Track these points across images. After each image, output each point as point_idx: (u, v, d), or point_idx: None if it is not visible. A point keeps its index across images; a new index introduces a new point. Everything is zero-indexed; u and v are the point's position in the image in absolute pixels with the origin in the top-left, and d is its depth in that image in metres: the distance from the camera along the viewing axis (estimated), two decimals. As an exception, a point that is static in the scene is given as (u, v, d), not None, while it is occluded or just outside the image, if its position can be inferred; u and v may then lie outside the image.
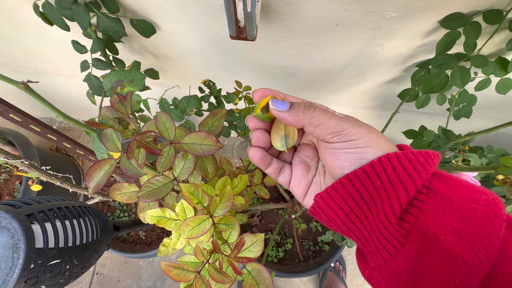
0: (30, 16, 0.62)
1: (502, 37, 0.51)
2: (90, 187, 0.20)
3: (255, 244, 0.24)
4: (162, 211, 0.26)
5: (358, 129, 0.21)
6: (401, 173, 0.19)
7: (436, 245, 0.18)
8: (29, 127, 0.37)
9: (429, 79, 0.54)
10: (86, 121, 0.19)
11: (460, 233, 0.17)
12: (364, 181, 0.20)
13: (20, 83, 0.21)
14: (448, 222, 0.17)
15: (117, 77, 0.26)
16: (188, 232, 0.22)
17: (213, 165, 0.30)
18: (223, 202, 0.23)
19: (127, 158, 0.18)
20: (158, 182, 0.25)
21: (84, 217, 0.33)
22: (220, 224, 0.24)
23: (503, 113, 0.84)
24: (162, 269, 0.21)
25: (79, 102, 1.10)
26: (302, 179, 0.25)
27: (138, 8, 0.54)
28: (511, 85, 0.56)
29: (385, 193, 0.20)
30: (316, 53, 0.63)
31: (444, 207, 0.18)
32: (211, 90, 0.52)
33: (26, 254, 0.24)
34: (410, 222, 0.19)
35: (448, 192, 0.18)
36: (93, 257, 0.33)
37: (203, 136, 0.23)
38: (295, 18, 0.52)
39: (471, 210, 0.17)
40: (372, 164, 0.20)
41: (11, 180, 0.93)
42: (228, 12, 0.40)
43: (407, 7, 0.46)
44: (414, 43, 0.56)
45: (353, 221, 0.21)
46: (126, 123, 0.20)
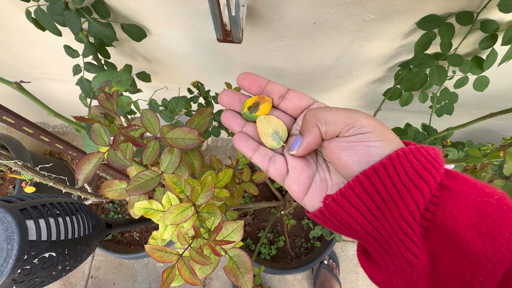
0: (22, 22, 0.63)
1: (477, 37, 0.54)
2: (80, 179, 0.22)
3: (235, 230, 0.26)
4: (149, 202, 0.27)
5: (371, 122, 0.20)
6: (419, 168, 0.18)
7: (455, 241, 0.17)
8: (22, 129, 0.38)
9: (409, 78, 0.56)
10: (75, 116, 0.20)
11: (480, 228, 0.16)
12: (383, 177, 0.19)
13: (14, 83, 0.22)
14: (467, 217, 0.17)
15: (106, 78, 0.27)
16: (172, 219, 0.23)
17: (199, 160, 0.32)
18: (205, 191, 0.25)
19: (113, 150, 0.20)
20: (146, 176, 0.26)
21: (76, 213, 0.34)
22: (203, 212, 0.25)
23: (485, 110, 0.88)
24: (147, 251, 0.23)
25: (71, 106, 1.10)
26: (302, 173, 0.23)
27: (129, 13, 0.55)
28: (487, 82, 0.59)
29: (405, 189, 0.18)
30: (302, 54, 0.65)
31: (460, 201, 0.17)
32: (200, 91, 0.54)
33: (19, 245, 0.25)
34: (427, 219, 0.18)
35: (460, 187, 0.18)
36: (85, 252, 0.34)
37: (186, 131, 0.24)
38: (280, 21, 0.54)
39: (486, 203, 0.17)
40: (391, 158, 0.19)
41: (4, 185, 0.93)
42: (214, 16, 0.42)
43: (385, 9, 0.49)
44: (395, 43, 0.58)
45: (372, 222, 0.19)
46: (112, 118, 0.22)
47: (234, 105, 0.24)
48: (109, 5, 0.53)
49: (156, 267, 1.07)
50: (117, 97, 0.21)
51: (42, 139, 0.42)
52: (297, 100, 0.24)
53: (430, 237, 0.18)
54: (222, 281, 1.04)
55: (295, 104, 0.24)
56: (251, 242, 0.91)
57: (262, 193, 0.96)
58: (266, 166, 0.24)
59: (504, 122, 0.95)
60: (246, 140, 0.24)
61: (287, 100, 0.24)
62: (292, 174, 0.23)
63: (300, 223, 0.94)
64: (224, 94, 0.24)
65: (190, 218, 0.23)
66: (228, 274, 0.24)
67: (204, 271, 0.24)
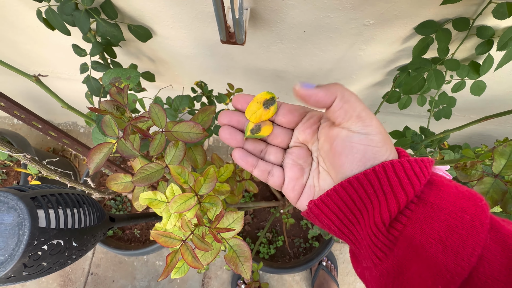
0: (31, 21, 0.65)
1: (473, 43, 0.55)
2: (91, 168, 0.23)
3: (236, 221, 0.27)
4: (154, 193, 0.28)
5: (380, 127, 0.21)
6: (395, 183, 0.20)
7: (421, 253, 0.18)
8: (32, 124, 0.39)
9: (407, 81, 0.58)
10: (90, 107, 0.21)
11: (446, 242, 0.17)
12: (357, 189, 0.21)
13: (32, 76, 0.24)
14: (435, 231, 0.18)
15: (115, 74, 0.29)
16: (176, 208, 0.24)
17: (202, 155, 0.33)
18: (207, 182, 0.26)
19: (124, 140, 0.21)
20: (151, 168, 0.27)
21: (83, 205, 0.35)
22: (205, 202, 0.26)
23: (483, 114, 0.88)
24: (152, 237, 0.24)
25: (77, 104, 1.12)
26: (296, 183, 0.25)
27: (136, 14, 0.57)
28: (484, 87, 0.60)
29: (377, 201, 0.20)
30: (303, 57, 0.67)
31: (432, 215, 0.19)
32: (203, 91, 0.55)
33: (30, 231, 0.27)
34: (398, 230, 0.19)
35: (438, 200, 0.19)
36: (89, 242, 0.35)
37: (191, 125, 0.26)
38: (282, 25, 0.56)
39: (458, 219, 0.18)
40: (366, 173, 0.20)
41: (9, 180, 0.95)
42: (218, 18, 0.43)
43: (384, 15, 0.50)
44: (394, 48, 0.60)
45: (347, 225, 0.22)
46: (123, 110, 0.23)
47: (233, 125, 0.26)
48: (117, 6, 0.55)
49: (155, 266, 1.08)
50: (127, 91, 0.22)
51: (50, 134, 0.43)
52: (289, 115, 0.25)
53: (400, 245, 0.19)
54: (221, 280, 1.04)
55: (288, 119, 0.26)
56: (250, 241, 0.92)
57: (261, 192, 0.97)
58: (265, 179, 0.26)
59: (502, 128, 0.96)
60: (245, 157, 0.25)
61: (280, 116, 0.26)
62: (288, 184, 0.25)
63: (299, 223, 0.95)
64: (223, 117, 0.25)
65: (193, 207, 0.24)
66: (228, 262, 0.25)
67: (206, 258, 0.25)
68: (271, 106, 0.25)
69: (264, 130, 0.25)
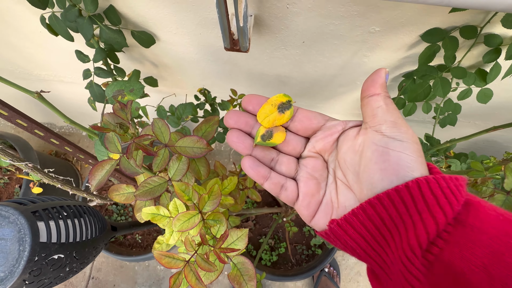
0: (35, 26, 0.65)
1: (480, 50, 0.54)
2: (93, 185, 0.23)
3: (240, 238, 0.26)
4: (157, 208, 0.28)
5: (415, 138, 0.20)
6: (431, 202, 0.18)
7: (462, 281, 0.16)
8: (34, 132, 0.39)
9: (413, 89, 0.57)
10: (92, 125, 0.21)
11: (492, 271, 0.16)
12: (387, 207, 0.19)
13: (34, 93, 0.23)
14: (478, 258, 0.16)
15: (119, 87, 0.28)
16: (179, 226, 0.24)
17: (206, 167, 0.33)
18: (211, 200, 0.25)
19: (127, 158, 0.21)
20: (154, 182, 0.27)
21: (84, 216, 0.35)
22: (209, 219, 0.26)
23: (490, 121, 0.88)
24: (155, 257, 0.23)
25: (79, 108, 1.12)
26: (312, 199, 0.23)
27: (139, 20, 0.57)
28: (491, 95, 0.59)
29: (411, 222, 0.18)
30: (307, 63, 0.66)
31: (473, 239, 0.17)
32: (206, 98, 0.55)
33: (31, 247, 0.26)
34: (434, 254, 0.17)
35: (478, 223, 0.17)
36: (91, 254, 0.35)
37: (195, 140, 0.25)
38: (286, 31, 0.55)
39: (504, 244, 0.16)
40: (398, 189, 0.18)
41: (11, 184, 0.95)
42: (222, 26, 0.43)
43: (390, 22, 0.50)
44: (399, 54, 0.59)
45: (375, 248, 0.20)
46: (126, 127, 0.23)
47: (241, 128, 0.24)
48: (120, 12, 0.55)
49: (156, 270, 1.07)
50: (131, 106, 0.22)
51: (52, 142, 0.43)
52: (307, 122, 0.23)
53: (435, 271, 0.17)
54: (223, 285, 1.04)
55: (305, 125, 0.23)
56: (252, 247, 0.91)
57: (264, 198, 0.97)
58: (277, 193, 0.23)
59: (508, 134, 0.95)
60: (256, 167, 0.23)
61: (296, 122, 0.24)
62: (302, 200, 0.23)
63: (302, 230, 0.94)
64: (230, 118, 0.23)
65: (196, 225, 0.24)
66: (232, 281, 0.24)
67: (209, 277, 0.25)
68: (286, 111, 0.23)
69: (276, 137, 0.23)
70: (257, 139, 0.23)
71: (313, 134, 0.24)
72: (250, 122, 0.24)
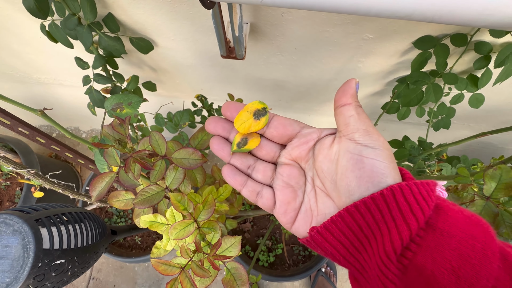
0: (35, 32, 0.66)
1: (472, 56, 0.56)
2: (93, 196, 0.24)
3: (233, 245, 0.27)
4: (154, 216, 0.29)
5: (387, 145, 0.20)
6: (405, 208, 0.18)
7: (433, 284, 0.17)
8: (36, 139, 0.40)
9: (406, 94, 0.58)
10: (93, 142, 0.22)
11: (459, 272, 0.16)
12: (364, 214, 0.20)
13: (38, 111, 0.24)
14: (447, 261, 0.17)
15: (117, 100, 0.30)
16: (175, 234, 0.25)
17: (202, 174, 0.34)
18: (206, 209, 0.27)
19: (125, 172, 0.22)
20: (152, 191, 0.28)
21: (85, 221, 0.36)
22: (204, 227, 0.27)
23: (483, 124, 0.89)
24: (152, 265, 0.25)
25: (80, 111, 1.13)
26: (288, 207, 0.23)
27: (137, 27, 0.58)
28: (483, 100, 0.60)
29: (386, 228, 0.19)
30: (303, 68, 0.68)
31: (443, 243, 0.17)
32: (203, 105, 0.56)
33: (35, 254, 0.27)
34: (408, 258, 0.18)
35: (447, 227, 0.18)
36: (92, 258, 0.36)
37: (191, 152, 0.26)
38: (282, 38, 0.57)
39: (470, 247, 0.17)
40: (373, 197, 0.19)
41: (12, 187, 0.96)
42: (218, 35, 0.44)
43: (383, 30, 0.51)
44: (393, 60, 0.60)
45: (353, 254, 0.21)
46: (124, 143, 0.24)
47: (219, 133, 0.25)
48: (119, 20, 0.56)
49: (155, 271, 1.09)
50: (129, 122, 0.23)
51: (53, 148, 0.44)
52: (282, 128, 0.24)
53: (410, 275, 0.18)
54: (220, 285, 1.05)
55: (280, 132, 0.24)
56: (250, 249, 0.93)
57: (262, 200, 0.98)
58: (254, 200, 0.24)
59: (502, 136, 0.96)
60: (234, 175, 0.24)
61: (271, 129, 0.24)
62: (279, 208, 0.24)
63: (299, 230, 0.96)
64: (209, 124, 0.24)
65: (192, 233, 0.25)
66: (226, 285, 0.25)
67: (204, 283, 0.26)
68: (262, 118, 0.24)
69: (250, 143, 0.23)
70: (233, 148, 0.24)
71: (289, 142, 0.25)
72: (227, 128, 0.25)
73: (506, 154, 1.06)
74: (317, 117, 0.99)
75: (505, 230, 0.29)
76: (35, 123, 1.31)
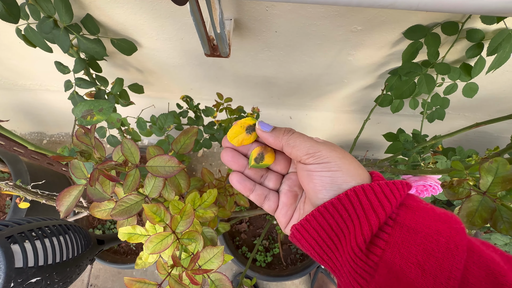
0: (14, 37, 0.63)
1: (464, 45, 0.54)
2: (61, 211, 0.22)
3: (216, 256, 0.26)
4: (133, 228, 0.27)
5: (331, 153, 0.22)
6: (367, 206, 0.20)
7: (402, 278, 0.18)
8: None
9: (398, 86, 0.57)
10: (52, 156, 0.20)
11: (424, 266, 0.18)
12: (333, 213, 0.21)
13: None
14: (413, 255, 0.18)
15: (87, 107, 0.28)
16: (152, 248, 0.24)
17: (185, 180, 0.32)
18: (184, 219, 0.25)
19: (90, 185, 0.20)
20: (130, 200, 0.27)
21: (65, 234, 0.34)
22: (184, 238, 0.26)
23: (479, 113, 0.88)
24: (125, 284, 0.23)
25: (68, 116, 1.11)
26: (289, 209, 0.26)
27: (118, 28, 0.56)
28: (477, 89, 0.59)
29: (352, 226, 0.21)
30: (293, 63, 0.66)
31: (409, 239, 0.19)
32: (189, 106, 0.54)
33: (6, 274, 0.26)
34: (377, 255, 0.19)
35: (414, 224, 0.19)
36: (74, 273, 0.34)
37: (166, 159, 0.25)
38: (268, 33, 0.55)
39: (434, 242, 0.18)
40: (339, 198, 0.21)
41: (2, 196, 0.94)
42: (199, 32, 0.42)
43: (371, 21, 0.49)
44: (384, 52, 0.59)
45: (326, 252, 0.22)
46: (88, 154, 0.22)
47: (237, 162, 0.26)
48: (98, 21, 0.54)
49: (154, 274, 1.08)
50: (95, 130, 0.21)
51: (33, 158, 0.42)
52: None
53: (381, 272, 0.19)
54: None
55: None
56: (246, 249, 0.91)
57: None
58: (261, 203, 0.27)
59: (498, 124, 0.94)
60: (243, 181, 0.26)
61: None
62: (281, 209, 0.26)
63: (297, 228, 0.95)
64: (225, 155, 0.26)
65: (170, 246, 0.24)
66: (210, 299, 0.24)
67: (186, 297, 0.25)
68: (253, 132, 0.26)
69: (267, 159, 0.26)
70: (251, 163, 0.26)
71: None
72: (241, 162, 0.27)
73: (502, 142, 1.05)
74: (311, 112, 0.97)
75: (503, 225, 0.28)
76: (25, 130, 1.29)
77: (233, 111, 0.61)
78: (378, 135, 0.93)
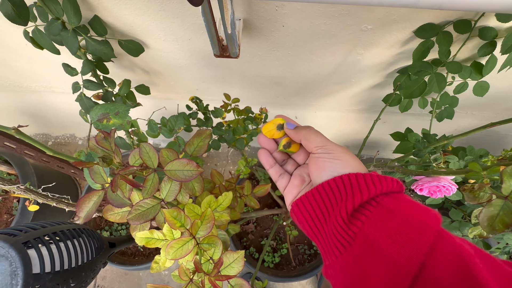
0: (20, 40, 0.63)
1: (476, 43, 0.53)
2: (81, 217, 0.22)
3: (236, 261, 0.26)
4: (150, 232, 0.27)
5: (337, 148, 0.28)
6: (355, 187, 0.24)
7: (375, 246, 0.21)
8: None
9: (408, 85, 0.56)
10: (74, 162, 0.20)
11: (394, 237, 0.21)
12: (327, 191, 0.26)
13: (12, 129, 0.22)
14: (387, 228, 0.21)
15: (103, 110, 0.28)
16: (172, 254, 0.23)
17: (200, 183, 0.32)
18: (205, 224, 0.25)
19: (112, 191, 0.20)
20: (147, 205, 0.26)
21: (79, 238, 0.34)
22: (203, 243, 0.25)
23: (487, 112, 0.87)
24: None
25: (74, 117, 1.11)
26: (295, 188, 0.30)
27: (126, 29, 0.55)
28: (487, 87, 0.58)
29: (341, 201, 0.25)
30: (301, 63, 0.65)
31: (386, 218, 0.22)
32: (198, 107, 0.54)
33: (24, 280, 0.25)
34: (358, 226, 0.23)
35: (393, 207, 0.23)
36: (89, 277, 0.34)
37: (185, 163, 0.24)
38: (277, 33, 0.54)
39: (408, 221, 0.21)
40: (335, 179, 0.25)
41: (9, 199, 0.94)
42: (210, 33, 0.42)
43: (382, 20, 0.49)
44: (393, 51, 0.58)
45: (316, 225, 0.26)
46: (110, 160, 0.22)
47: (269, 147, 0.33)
48: (106, 22, 0.54)
49: (161, 275, 1.08)
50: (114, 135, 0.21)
51: (44, 161, 0.42)
52: None
53: (359, 241, 0.22)
54: None
55: None
56: (254, 250, 0.91)
57: (264, 200, 0.96)
58: (276, 179, 0.32)
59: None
60: (269, 157, 0.32)
61: None
62: (289, 187, 0.31)
63: (303, 228, 0.94)
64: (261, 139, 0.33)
65: (191, 252, 0.23)
66: (230, 304, 0.24)
67: (206, 303, 0.24)
68: (281, 130, 0.32)
69: (292, 148, 0.32)
70: (280, 147, 0.32)
71: None
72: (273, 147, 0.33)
73: (510, 141, 1.04)
74: (317, 111, 0.97)
75: (524, 228, 0.28)
76: (30, 131, 1.29)
77: (240, 112, 0.61)
78: (385, 135, 0.92)
